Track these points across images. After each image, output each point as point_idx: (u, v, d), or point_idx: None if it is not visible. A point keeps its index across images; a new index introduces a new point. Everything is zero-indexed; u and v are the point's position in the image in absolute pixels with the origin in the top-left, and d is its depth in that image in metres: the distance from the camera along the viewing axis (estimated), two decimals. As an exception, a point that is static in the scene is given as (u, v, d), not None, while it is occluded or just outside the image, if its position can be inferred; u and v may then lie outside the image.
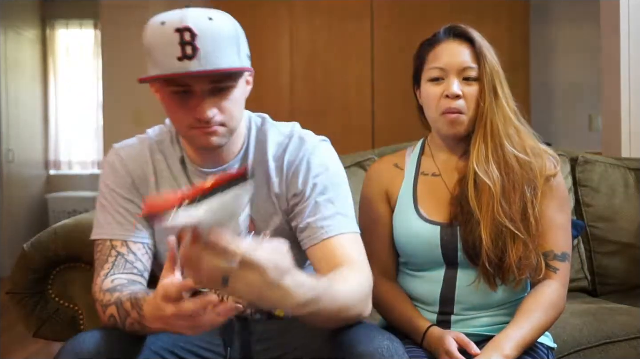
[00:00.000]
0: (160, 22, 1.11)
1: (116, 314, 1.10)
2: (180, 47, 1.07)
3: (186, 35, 1.07)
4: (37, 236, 1.53)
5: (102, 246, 1.22)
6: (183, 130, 1.18)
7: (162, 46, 1.09)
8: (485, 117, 1.30)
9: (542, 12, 4.19)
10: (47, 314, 1.52)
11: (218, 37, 1.10)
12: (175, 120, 1.18)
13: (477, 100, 1.31)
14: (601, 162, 2.10)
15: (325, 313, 1.01)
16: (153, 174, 1.26)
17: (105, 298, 1.14)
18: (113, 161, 1.27)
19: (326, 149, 1.27)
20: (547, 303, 1.27)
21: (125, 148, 1.28)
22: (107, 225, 1.22)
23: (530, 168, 1.30)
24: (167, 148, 1.28)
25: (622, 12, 2.66)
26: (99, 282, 1.18)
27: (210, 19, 1.10)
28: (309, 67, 3.93)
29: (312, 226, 1.18)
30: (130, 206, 1.24)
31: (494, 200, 1.26)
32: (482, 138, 1.31)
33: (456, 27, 1.35)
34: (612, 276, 2.03)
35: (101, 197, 1.26)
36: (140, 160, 1.26)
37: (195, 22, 1.08)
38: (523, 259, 1.26)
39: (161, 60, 1.10)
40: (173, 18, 1.10)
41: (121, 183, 1.25)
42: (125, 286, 1.15)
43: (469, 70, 1.31)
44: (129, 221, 1.22)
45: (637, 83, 2.65)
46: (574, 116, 4.18)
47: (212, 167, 1.24)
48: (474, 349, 1.22)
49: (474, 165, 1.29)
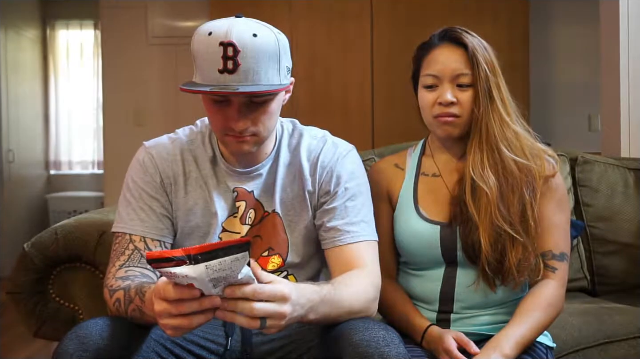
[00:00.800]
0: (207, 32, 1.14)
1: (122, 298, 1.13)
2: (222, 60, 1.11)
3: (229, 50, 1.11)
4: (37, 236, 1.53)
5: (121, 239, 1.25)
6: (218, 134, 1.23)
7: (207, 56, 1.13)
8: (480, 122, 1.31)
9: (541, 12, 4.19)
10: (47, 314, 1.52)
11: (260, 54, 1.13)
12: (212, 123, 1.23)
13: (472, 105, 1.31)
14: (600, 162, 2.11)
15: (329, 317, 1.09)
16: (182, 174, 1.29)
17: (116, 284, 1.17)
18: (143, 158, 1.29)
19: (357, 157, 1.35)
20: (546, 303, 1.27)
21: (156, 147, 1.31)
22: (130, 221, 1.25)
23: (529, 170, 1.30)
24: (198, 149, 1.31)
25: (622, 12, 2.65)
26: (113, 271, 1.21)
27: (255, 35, 1.13)
28: (309, 67, 3.93)
29: (339, 229, 1.25)
30: (155, 205, 1.27)
31: (492, 204, 1.27)
32: (478, 143, 1.31)
33: (451, 32, 1.34)
34: (612, 276, 2.04)
35: (127, 192, 1.28)
36: (170, 159, 1.29)
37: (239, 37, 1.12)
38: (522, 261, 1.27)
39: (204, 69, 1.14)
40: (220, 30, 1.13)
41: (149, 182, 1.27)
42: (138, 277, 1.19)
43: (463, 77, 1.31)
44: (151, 219, 1.26)
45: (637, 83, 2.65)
46: (573, 116, 4.18)
47: (244, 167, 1.29)
48: (473, 349, 1.22)
49: (470, 171, 1.30)
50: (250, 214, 1.30)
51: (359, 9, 3.92)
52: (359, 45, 3.94)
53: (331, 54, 3.94)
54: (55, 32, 5.56)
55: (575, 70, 4.18)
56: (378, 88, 3.93)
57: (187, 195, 1.29)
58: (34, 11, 5.37)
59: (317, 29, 3.96)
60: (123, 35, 4.21)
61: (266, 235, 1.30)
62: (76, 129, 5.61)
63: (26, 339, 3.11)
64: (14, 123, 4.98)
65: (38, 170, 5.47)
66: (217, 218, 1.28)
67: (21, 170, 5.10)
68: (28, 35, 5.26)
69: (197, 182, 1.29)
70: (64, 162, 5.63)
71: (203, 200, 1.29)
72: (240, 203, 1.30)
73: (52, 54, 5.55)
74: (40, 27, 5.47)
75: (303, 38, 3.95)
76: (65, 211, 5.13)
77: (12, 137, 4.95)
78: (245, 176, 1.30)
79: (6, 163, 4.86)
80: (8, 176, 4.88)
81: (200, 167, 1.30)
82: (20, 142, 5.08)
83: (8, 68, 4.90)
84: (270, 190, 1.31)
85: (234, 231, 1.30)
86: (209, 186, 1.29)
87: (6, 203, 4.80)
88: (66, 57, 5.58)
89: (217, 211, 1.28)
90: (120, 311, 1.14)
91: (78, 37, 5.56)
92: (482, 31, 1.42)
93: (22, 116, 5.14)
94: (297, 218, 1.30)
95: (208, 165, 1.30)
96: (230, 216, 1.30)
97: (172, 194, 1.29)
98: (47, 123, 5.57)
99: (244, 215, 1.30)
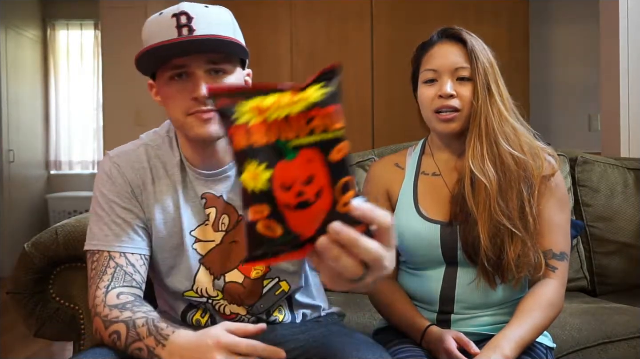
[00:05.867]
0: (157, 14, 1.14)
1: (124, 333, 1.07)
2: (177, 30, 1.09)
3: (182, 19, 1.09)
4: (37, 236, 1.53)
5: (99, 257, 1.19)
6: (180, 118, 1.15)
7: (159, 33, 1.10)
8: (479, 115, 1.31)
9: (541, 12, 4.19)
10: (47, 314, 1.52)
11: (214, 20, 1.12)
12: (173, 108, 1.16)
13: (471, 99, 1.31)
14: (600, 162, 2.11)
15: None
16: (151, 182, 1.23)
17: (112, 314, 1.11)
18: (110, 169, 1.23)
19: None
20: (546, 303, 1.27)
21: (121, 156, 1.25)
22: (105, 237, 1.19)
23: (526, 166, 1.30)
24: (166, 154, 1.25)
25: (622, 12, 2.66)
26: (100, 295, 1.14)
27: (207, 6, 1.13)
28: (309, 67, 3.93)
29: None
30: (129, 216, 1.20)
31: (491, 198, 1.27)
32: (477, 136, 1.31)
33: (449, 29, 1.36)
34: (612, 276, 2.04)
35: (97, 207, 1.22)
36: (137, 166, 1.23)
37: (191, 7, 1.11)
38: (521, 257, 1.27)
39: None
40: (170, 8, 1.13)
41: (120, 192, 1.21)
42: (135, 304, 1.13)
43: (462, 70, 1.32)
44: (126, 232, 1.19)
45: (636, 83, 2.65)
46: (573, 116, 4.18)
47: (210, 168, 1.23)
48: (473, 349, 1.22)
49: (470, 163, 1.30)
50: (223, 220, 1.23)
51: (359, 9, 3.93)
52: (359, 45, 3.94)
53: (331, 53, 3.94)
54: (55, 32, 5.57)
55: (575, 70, 4.19)
56: (378, 89, 3.93)
57: (158, 204, 1.22)
58: (34, 11, 5.38)
59: (317, 29, 3.96)
60: (123, 35, 4.21)
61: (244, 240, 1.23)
62: (76, 129, 5.61)
63: (26, 339, 3.11)
64: (14, 123, 4.99)
65: (38, 170, 5.47)
66: (186, 228, 1.22)
67: (21, 170, 5.10)
68: (28, 35, 5.26)
69: (168, 189, 1.23)
70: (64, 162, 5.63)
71: (174, 207, 1.22)
72: (210, 210, 1.23)
73: (52, 53, 5.56)
74: (40, 27, 5.47)
75: (303, 38, 3.96)
76: (65, 211, 5.14)
77: (12, 137, 4.96)
78: (212, 179, 1.23)
79: (6, 163, 4.86)
80: (8, 176, 4.88)
81: (169, 172, 1.24)
82: (20, 142, 5.08)
83: (8, 68, 4.90)
84: None
85: (207, 239, 1.23)
86: (179, 194, 1.22)
87: (6, 203, 4.80)
88: (66, 57, 5.59)
89: (186, 221, 1.22)
90: (118, 345, 1.08)
91: (78, 37, 5.57)
92: (482, 31, 1.42)
93: (22, 116, 5.14)
94: None
95: (177, 171, 1.23)
96: (201, 225, 1.23)
97: (144, 203, 1.22)
98: (47, 123, 5.57)
99: (216, 221, 1.23)
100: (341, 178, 0.64)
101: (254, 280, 1.24)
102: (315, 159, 0.64)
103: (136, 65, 1.13)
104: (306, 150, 0.64)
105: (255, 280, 1.24)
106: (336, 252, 0.65)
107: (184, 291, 1.24)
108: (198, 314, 1.27)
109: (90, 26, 5.52)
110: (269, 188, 0.64)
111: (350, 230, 0.64)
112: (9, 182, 4.88)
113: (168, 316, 1.27)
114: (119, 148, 1.27)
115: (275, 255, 0.66)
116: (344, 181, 0.64)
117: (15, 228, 4.83)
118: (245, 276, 1.24)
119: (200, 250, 1.23)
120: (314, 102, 0.64)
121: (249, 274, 1.23)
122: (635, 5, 2.66)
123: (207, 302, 1.25)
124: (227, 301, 1.25)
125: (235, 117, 0.65)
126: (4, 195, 4.79)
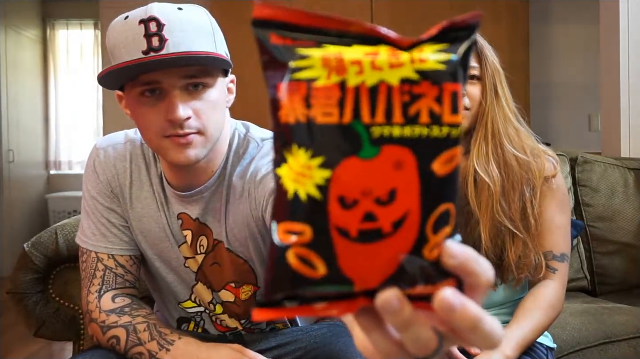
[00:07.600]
0: (123, 17, 0.99)
1: (123, 338, 1.06)
2: (145, 39, 0.93)
3: (152, 26, 0.93)
4: (37, 236, 1.53)
5: (87, 257, 1.14)
6: (155, 141, 1.00)
7: (126, 42, 0.94)
8: (486, 115, 1.31)
9: (542, 12, 4.19)
10: (47, 314, 1.52)
11: (189, 26, 0.95)
12: (146, 129, 1.00)
13: (480, 98, 1.31)
14: (600, 162, 2.11)
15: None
16: (129, 186, 1.13)
17: (109, 320, 1.08)
18: (93, 162, 1.15)
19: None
20: (547, 303, 1.27)
21: (107, 149, 1.15)
22: (92, 236, 1.13)
23: (529, 168, 1.30)
24: (151, 158, 1.15)
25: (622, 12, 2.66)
26: (93, 300, 1.11)
27: (180, 9, 0.96)
28: (309, 67, 3.93)
29: None
30: (112, 216, 1.13)
31: (493, 199, 1.27)
32: (483, 137, 1.31)
33: None
34: (612, 276, 2.04)
35: (84, 201, 1.16)
36: (118, 166, 1.13)
37: (161, 12, 0.95)
38: (522, 258, 1.27)
39: (124, 58, 0.95)
40: (137, 12, 0.96)
41: (101, 191, 1.14)
42: (133, 307, 1.10)
43: (471, 69, 1.31)
44: (112, 233, 1.13)
45: (636, 83, 2.65)
46: (573, 116, 4.18)
47: (185, 189, 1.10)
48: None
49: (474, 163, 1.30)
50: (201, 241, 1.13)
51: (359, 9, 3.93)
52: (359, 45, 3.94)
53: (331, 53, 3.94)
54: (55, 32, 5.56)
55: (575, 70, 4.19)
56: (378, 88, 3.93)
57: (135, 211, 1.13)
58: (34, 11, 5.37)
59: (317, 28, 3.96)
60: (123, 35, 4.20)
61: (225, 263, 1.12)
62: (76, 129, 5.61)
63: (26, 339, 3.11)
64: (14, 123, 4.98)
65: (38, 170, 5.47)
66: (175, 243, 1.14)
67: (21, 170, 5.10)
68: (28, 35, 5.26)
69: (149, 196, 1.13)
70: (64, 162, 5.63)
71: (155, 220, 1.13)
72: (187, 232, 1.13)
73: (52, 53, 5.55)
74: (40, 27, 5.47)
75: (303, 38, 3.95)
76: (65, 211, 5.14)
77: (12, 137, 4.95)
78: (187, 200, 1.11)
79: (6, 163, 4.86)
80: (8, 176, 4.88)
81: (152, 179, 1.13)
82: (20, 142, 5.08)
83: (8, 68, 4.90)
84: (217, 215, 1.10)
85: (190, 256, 1.15)
86: (160, 205, 1.13)
87: (6, 203, 4.80)
88: (66, 57, 5.58)
89: (174, 236, 1.13)
90: (118, 349, 1.07)
91: (78, 37, 5.56)
92: (482, 31, 1.41)
93: (22, 116, 5.14)
94: (250, 243, 1.09)
95: (158, 181, 1.13)
96: (182, 244, 1.14)
97: (124, 204, 1.14)
98: (47, 123, 5.57)
99: (194, 243, 1.13)
100: (439, 205, 0.39)
101: (245, 300, 1.17)
102: (407, 165, 0.38)
103: (98, 81, 0.98)
104: (395, 147, 0.37)
105: (248, 300, 1.17)
106: (408, 317, 0.37)
107: (180, 301, 1.20)
108: (191, 326, 1.23)
109: (90, 26, 5.51)
110: (321, 197, 0.37)
111: (472, 305, 0.37)
112: (9, 182, 4.88)
113: (163, 319, 1.26)
114: (108, 138, 1.17)
115: (307, 304, 0.38)
116: (443, 210, 0.39)
117: (15, 228, 4.83)
118: (235, 296, 1.17)
119: (192, 267, 1.16)
120: (429, 71, 0.37)
121: (239, 296, 1.16)
122: (635, 5, 2.66)
123: (204, 311, 1.21)
124: (227, 315, 1.20)
125: (294, 67, 0.37)
126: (4, 195, 4.78)
